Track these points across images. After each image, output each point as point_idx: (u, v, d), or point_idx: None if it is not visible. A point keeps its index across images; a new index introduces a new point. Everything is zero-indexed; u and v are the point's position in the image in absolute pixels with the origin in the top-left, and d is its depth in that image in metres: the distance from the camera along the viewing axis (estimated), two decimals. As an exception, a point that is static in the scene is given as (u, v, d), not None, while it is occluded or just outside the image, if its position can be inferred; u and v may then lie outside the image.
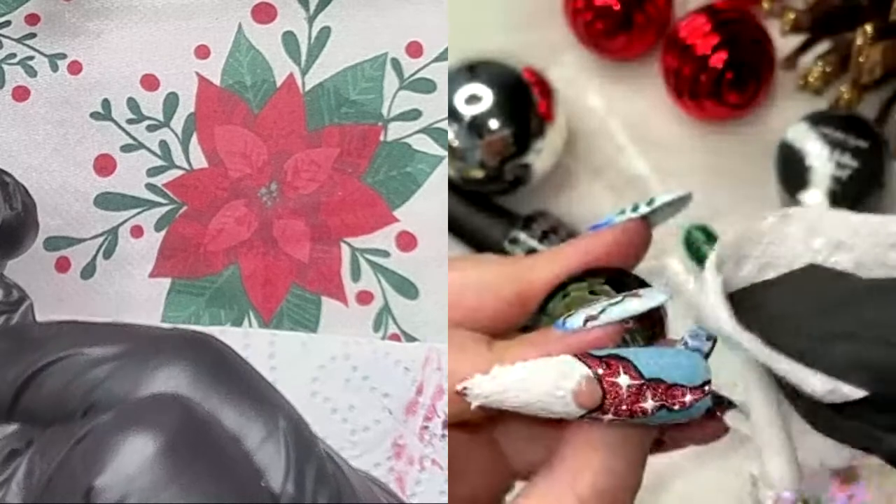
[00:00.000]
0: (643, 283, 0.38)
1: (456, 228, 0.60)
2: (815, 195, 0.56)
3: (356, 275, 0.56)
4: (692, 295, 0.34)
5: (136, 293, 0.56)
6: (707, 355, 0.35)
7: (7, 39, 0.55)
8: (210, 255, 0.56)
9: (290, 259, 0.56)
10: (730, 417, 0.37)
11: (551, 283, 0.37)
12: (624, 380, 0.34)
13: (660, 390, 0.34)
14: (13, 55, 0.55)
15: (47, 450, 0.35)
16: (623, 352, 0.34)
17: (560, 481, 0.34)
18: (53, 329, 0.38)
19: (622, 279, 0.38)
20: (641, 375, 0.34)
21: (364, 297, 0.56)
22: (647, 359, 0.34)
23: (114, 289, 0.56)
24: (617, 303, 0.35)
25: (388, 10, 0.56)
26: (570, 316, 0.35)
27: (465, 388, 0.34)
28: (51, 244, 0.56)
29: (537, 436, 0.39)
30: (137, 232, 0.56)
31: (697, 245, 0.59)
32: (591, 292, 0.37)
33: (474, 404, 0.34)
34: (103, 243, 0.56)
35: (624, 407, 0.34)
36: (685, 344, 0.35)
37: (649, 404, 0.34)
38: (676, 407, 0.34)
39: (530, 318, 0.38)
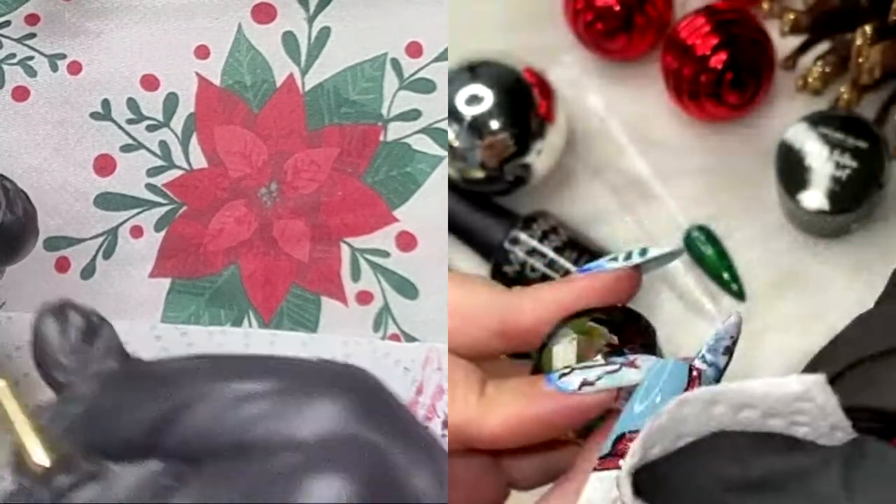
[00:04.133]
0: (633, 315, 0.38)
1: (456, 228, 0.60)
2: (814, 195, 0.56)
3: (356, 275, 0.56)
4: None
5: (135, 293, 0.56)
6: (722, 371, 0.36)
7: (7, 39, 0.55)
8: (210, 255, 0.56)
9: (290, 259, 0.56)
10: None
11: (538, 324, 0.38)
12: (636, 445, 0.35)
13: None
14: (13, 55, 0.55)
15: (213, 489, 0.33)
16: (622, 426, 0.35)
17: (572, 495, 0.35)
18: (181, 363, 0.36)
19: (615, 314, 0.38)
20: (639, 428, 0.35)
21: (364, 297, 0.56)
22: (642, 415, 0.35)
23: (114, 289, 0.56)
24: (614, 371, 0.36)
25: (388, 10, 0.56)
26: (565, 374, 0.36)
27: None
28: (51, 244, 0.56)
29: (534, 451, 0.39)
30: (137, 232, 0.56)
31: (697, 245, 0.59)
32: (593, 321, 0.38)
33: None
34: (103, 243, 0.56)
35: None
36: (702, 358, 0.36)
37: None
38: None
39: (533, 356, 0.38)
